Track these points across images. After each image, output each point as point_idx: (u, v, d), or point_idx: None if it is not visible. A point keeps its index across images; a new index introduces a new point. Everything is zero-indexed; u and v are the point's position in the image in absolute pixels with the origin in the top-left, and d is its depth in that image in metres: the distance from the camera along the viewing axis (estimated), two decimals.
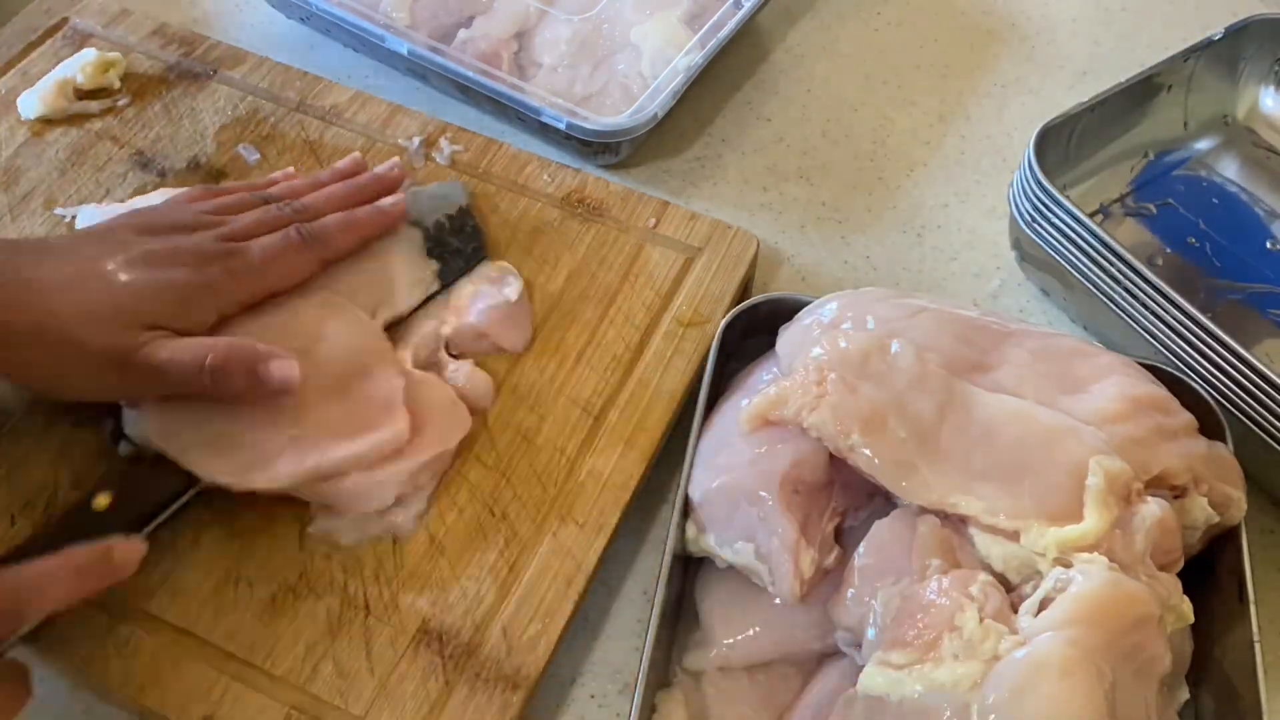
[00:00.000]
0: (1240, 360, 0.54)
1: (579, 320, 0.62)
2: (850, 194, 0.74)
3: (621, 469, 0.57)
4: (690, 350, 0.61)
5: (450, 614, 0.52)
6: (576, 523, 0.55)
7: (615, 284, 0.63)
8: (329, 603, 0.52)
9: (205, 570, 0.53)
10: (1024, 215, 0.63)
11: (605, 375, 0.60)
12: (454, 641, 0.52)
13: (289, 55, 0.75)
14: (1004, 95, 0.80)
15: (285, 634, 0.52)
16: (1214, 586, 0.53)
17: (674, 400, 0.59)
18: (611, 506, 0.55)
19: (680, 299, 0.63)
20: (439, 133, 0.69)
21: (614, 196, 0.67)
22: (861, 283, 0.69)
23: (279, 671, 0.50)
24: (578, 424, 0.58)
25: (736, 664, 0.51)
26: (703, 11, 0.75)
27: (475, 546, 0.54)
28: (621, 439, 0.58)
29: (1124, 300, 0.59)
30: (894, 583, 0.48)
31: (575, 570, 0.54)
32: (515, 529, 0.55)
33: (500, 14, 0.74)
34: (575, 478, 0.56)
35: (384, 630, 0.52)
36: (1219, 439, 0.55)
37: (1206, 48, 0.69)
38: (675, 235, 0.65)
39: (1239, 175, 0.72)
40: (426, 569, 0.54)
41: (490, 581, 0.53)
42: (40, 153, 0.67)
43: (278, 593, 0.53)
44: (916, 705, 0.44)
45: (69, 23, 0.74)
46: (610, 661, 0.55)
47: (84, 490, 0.52)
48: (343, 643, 0.51)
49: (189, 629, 0.51)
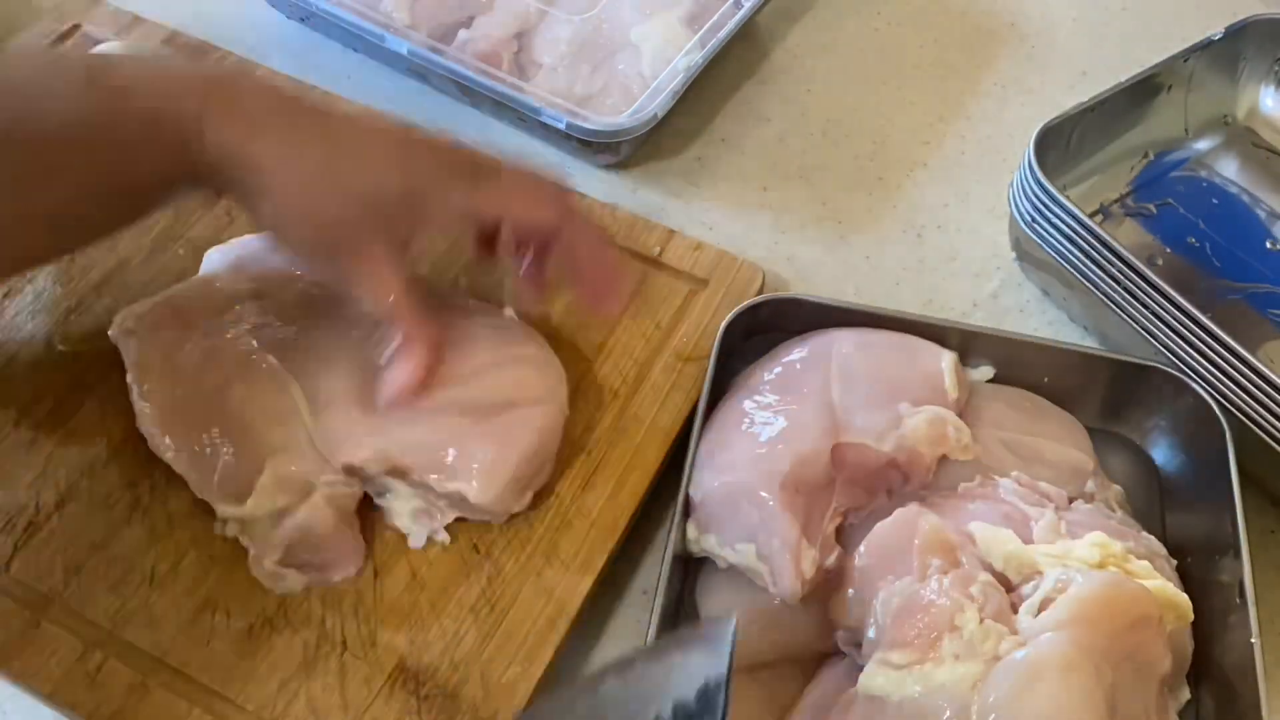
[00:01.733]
0: (1240, 360, 0.54)
1: (576, 352, 0.60)
2: (850, 194, 0.74)
3: (612, 507, 0.55)
4: (688, 386, 0.59)
5: (428, 652, 0.51)
6: (562, 563, 0.53)
7: (615, 315, 0.61)
8: (305, 636, 0.51)
9: (183, 598, 0.52)
10: (1024, 215, 0.63)
11: (600, 409, 0.58)
12: (430, 681, 0.50)
13: (289, 55, 0.75)
14: (1004, 95, 0.80)
15: (260, 667, 0.50)
16: (1214, 586, 0.53)
17: (669, 438, 0.57)
18: (599, 548, 0.54)
19: (681, 332, 0.61)
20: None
21: (620, 223, 0.65)
22: (861, 283, 0.69)
23: (251, 706, 0.49)
24: (569, 459, 0.56)
25: (737, 663, 0.51)
26: (703, 11, 0.75)
27: (457, 584, 0.53)
28: (613, 478, 0.56)
29: (1124, 300, 0.59)
30: (894, 582, 0.48)
31: (558, 613, 0.52)
32: (499, 567, 0.53)
33: (500, 14, 0.74)
34: (564, 515, 0.55)
35: (360, 667, 0.51)
36: (1219, 439, 0.55)
37: (1206, 48, 0.69)
38: (680, 265, 0.64)
39: (1239, 175, 0.72)
40: (406, 605, 0.52)
41: (470, 621, 0.52)
42: None
43: (255, 624, 0.52)
44: (917, 705, 0.44)
45: (80, 30, 0.74)
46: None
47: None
48: (317, 679, 0.50)
49: (162, 658, 0.50)
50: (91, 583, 0.52)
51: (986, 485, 0.54)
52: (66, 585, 0.52)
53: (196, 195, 0.54)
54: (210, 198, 0.54)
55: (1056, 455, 0.56)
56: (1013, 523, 0.50)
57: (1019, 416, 0.58)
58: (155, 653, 0.51)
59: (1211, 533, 0.54)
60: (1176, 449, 0.60)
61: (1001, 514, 0.51)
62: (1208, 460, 0.56)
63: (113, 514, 0.54)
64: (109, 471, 0.56)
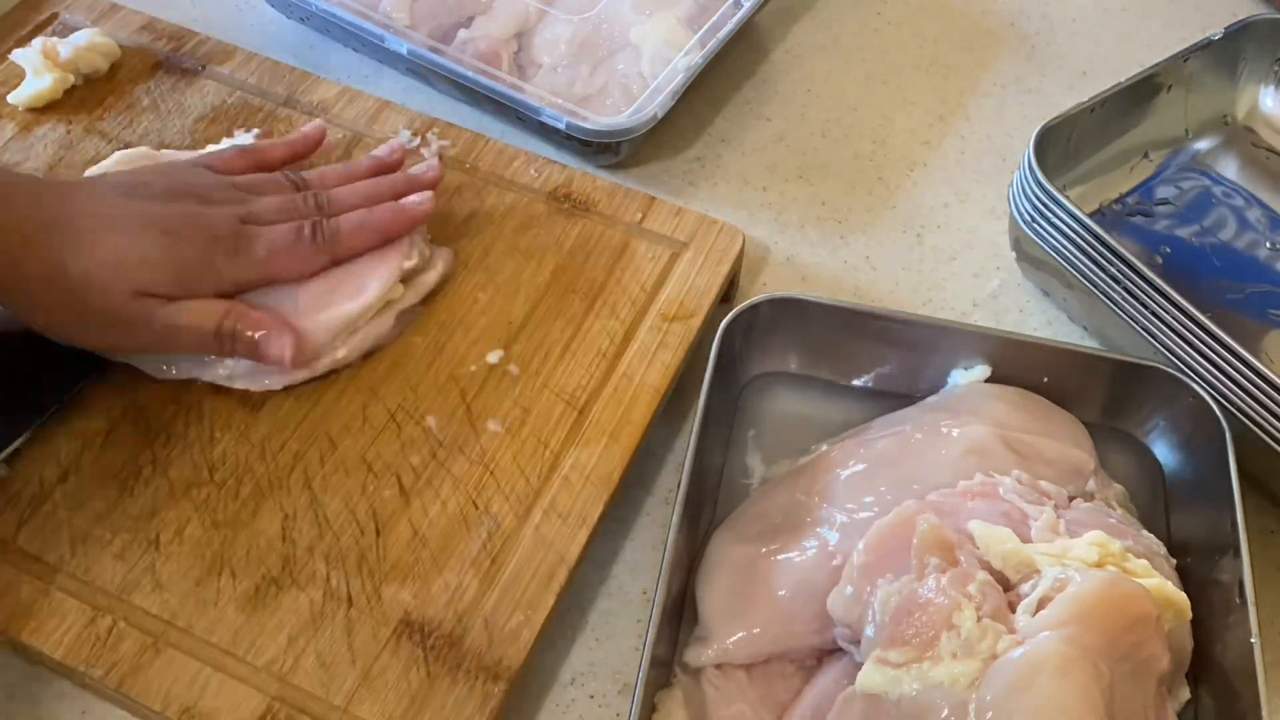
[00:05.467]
0: (1240, 360, 0.54)
1: (564, 314, 0.62)
2: (850, 194, 0.74)
3: (605, 462, 0.57)
4: (675, 344, 0.61)
5: (432, 606, 0.52)
6: (560, 515, 0.55)
7: (601, 278, 0.64)
8: (311, 595, 0.53)
9: (188, 563, 0.53)
10: (1024, 215, 0.63)
11: (590, 369, 0.60)
12: (436, 633, 0.52)
13: (289, 55, 0.75)
14: (1004, 95, 0.80)
15: (268, 625, 0.52)
16: (1214, 586, 0.53)
17: (658, 394, 0.59)
18: (595, 500, 0.55)
19: (665, 293, 0.63)
20: (426, 127, 0.70)
21: (600, 191, 0.67)
22: (861, 283, 0.69)
23: (261, 662, 0.51)
24: (561, 417, 0.58)
25: (736, 662, 0.51)
26: (702, 11, 0.75)
27: (458, 539, 0.54)
28: (605, 433, 0.58)
29: (1124, 300, 0.59)
30: (892, 581, 0.48)
31: (558, 562, 0.53)
32: (498, 521, 0.55)
33: (500, 14, 0.74)
34: (559, 471, 0.56)
35: (366, 622, 0.52)
36: (1219, 439, 0.55)
37: (1206, 47, 0.69)
38: (661, 230, 0.66)
39: (1239, 175, 0.72)
40: (409, 561, 0.54)
41: (472, 574, 0.53)
42: (29, 147, 0.68)
43: (260, 585, 0.53)
44: (914, 703, 0.44)
45: (58, 18, 0.74)
46: (610, 661, 0.55)
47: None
48: (325, 634, 0.51)
49: (171, 620, 0.52)
50: (97, 551, 0.53)
51: (986, 484, 0.54)
52: (73, 554, 0.53)
53: None
54: None
55: (1057, 454, 0.56)
56: (1012, 521, 0.50)
57: (1019, 415, 0.58)
58: (164, 615, 0.52)
59: (1211, 532, 0.54)
60: (1177, 449, 0.60)
61: (1000, 512, 0.51)
62: (1208, 460, 0.56)
63: (115, 486, 0.55)
64: (109, 446, 0.57)
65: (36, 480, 0.55)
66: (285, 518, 0.55)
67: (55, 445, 0.56)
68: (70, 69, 0.70)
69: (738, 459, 0.60)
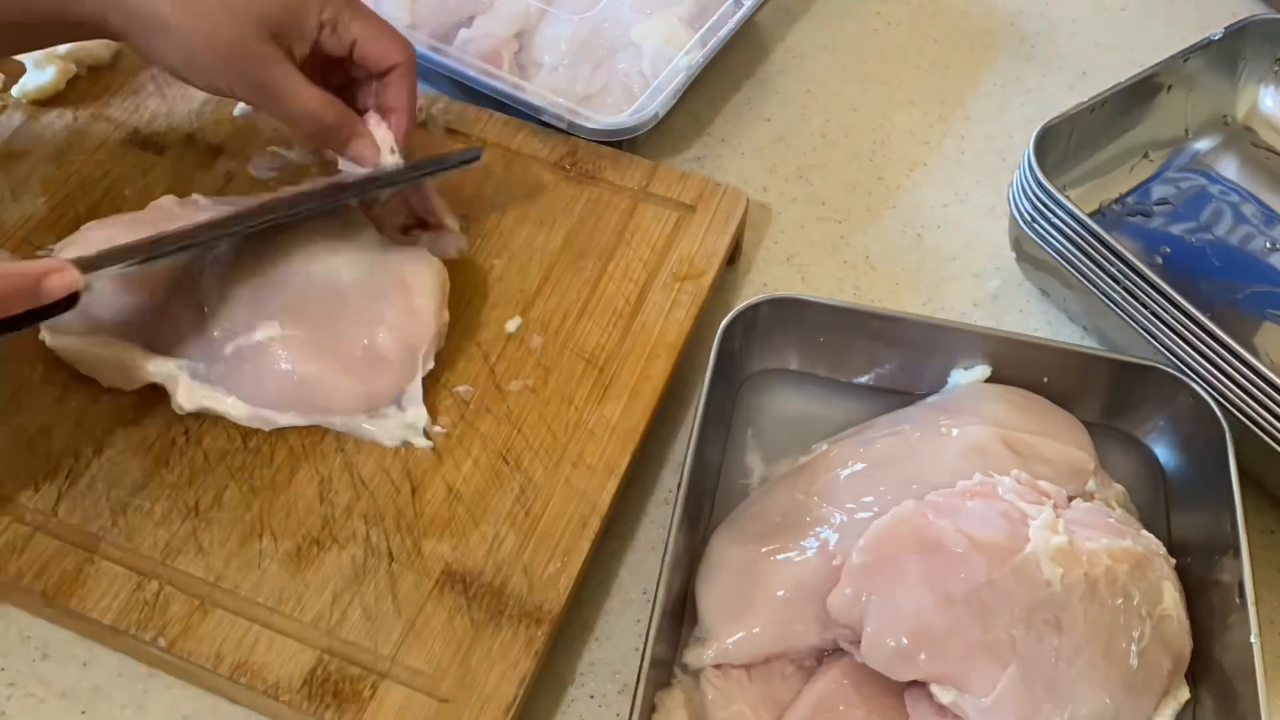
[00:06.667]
0: (1240, 360, 0.54)
1: (579, 277, 0.64)
2: (850, 194, 0.74)
3: (629, 415, 0.59)
4: (688, 302, 0.63)
5: (472, 557, 0.54)
6: (588, 466, 0.57)
7: (612, 242, 0.65)
8: (353, 552, 0.54)
9: (229, 528, 0.54)
10: (1024, 215, 0.63)
11: (607, 329, 0.62)
12: (477, 583, 0.53)
13: None
14: (1004, 95, 0.80)
15: (312, 583, 0.53)
16: (1214, 586, 0.53)
17: (674, 350, 0.61)
18: (621, 450, 0.57)
19: (675, 254, 0.65)
20: (430, 103, 0.71)
21: (605, 159, 0.69)
22: (861, 282, 0.69)
23: (307, 618, 0.52)
24: (583, 376, 0.60)
25: (736, 662, 0.51)
26: (703, 11, 0.75)
27: (492, 493, 0.56)
28: (626, 388, 0.60)
29: (1124, 300, 0.59)
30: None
31: (590, 511, 0.55)
32: (529, 476, 0.57)
33: (501, 13, 0.74)
34: (585, 425, 0.58)
35: (408, 575, 0.53)
36: (1219, 439, 0.55)
37: (1206, 47, 0.69)
38: (668, 194, 0.67)
39: (1239, 175, 0.72)
40: (446, 517, 0.55)
41: (508, 525, 0.55)
42: (38, 134, 0.68)
43: (302, 545, 0.54)
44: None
45: None
46: (610, 661, 0.55)
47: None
48: (368, 589, 0.53)
49: (216, 582, 0.53)
50: (138, 520, 0.54)
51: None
52: (114, 524, 0.54)
53: (94, 34, 0.56)
54: (101, 34, 0.57)
55: (1057, 454, 0.56)
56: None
57: (1019, 415, 0.58)
58: (209, 578, 0.53)
59: (1211, 532, 0.54)
60: (1177, 449, 0.60)
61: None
62: (1208, 460, 0.56)
63: (151, 457, 0.56)
64: (143, 420, 0.58)
65: (72, 454, 0.56)
66: (321, 481, 0.56)
67: (89, 422, 0.57)
68: (72, 59, 0.70)
69: (737, 458, 0.60)
